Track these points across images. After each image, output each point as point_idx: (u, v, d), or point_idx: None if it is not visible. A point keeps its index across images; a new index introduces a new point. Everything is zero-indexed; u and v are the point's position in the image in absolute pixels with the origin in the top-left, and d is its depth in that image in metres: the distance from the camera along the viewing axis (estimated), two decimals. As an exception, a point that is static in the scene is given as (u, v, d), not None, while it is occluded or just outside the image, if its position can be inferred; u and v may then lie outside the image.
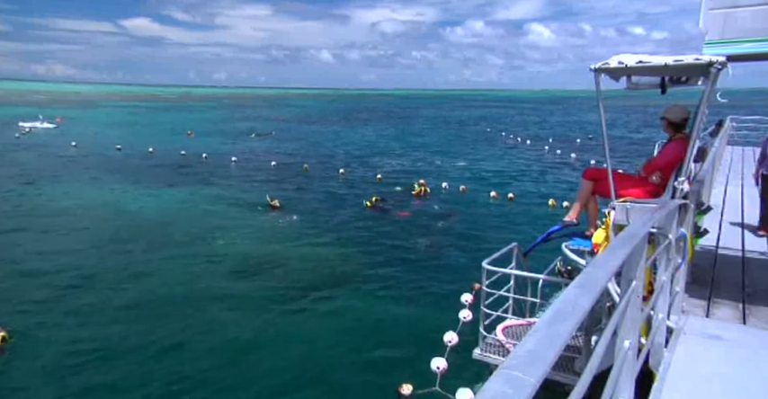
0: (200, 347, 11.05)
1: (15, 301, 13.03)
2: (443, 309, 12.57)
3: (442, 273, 15.95)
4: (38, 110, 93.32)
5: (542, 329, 1.49)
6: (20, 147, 45.28)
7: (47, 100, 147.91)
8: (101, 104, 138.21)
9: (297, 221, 22.09)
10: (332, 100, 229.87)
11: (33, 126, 62.67)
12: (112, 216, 22.52)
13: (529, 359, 1.31)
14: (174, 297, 13.68)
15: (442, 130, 74.62)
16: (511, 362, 1.28)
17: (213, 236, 19.34)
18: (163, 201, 25.63)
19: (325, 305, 13.39)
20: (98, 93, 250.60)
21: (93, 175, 32.23)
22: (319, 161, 40.44)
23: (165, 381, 9.63)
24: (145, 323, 12.05)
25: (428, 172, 35.72)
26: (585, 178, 6.64)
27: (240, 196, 26.98)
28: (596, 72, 5.15)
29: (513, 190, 28.33)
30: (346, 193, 28.31)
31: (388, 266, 16.62)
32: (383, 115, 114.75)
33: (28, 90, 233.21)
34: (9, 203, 24.33)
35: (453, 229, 21.25)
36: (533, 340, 1.42)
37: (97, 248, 17.70)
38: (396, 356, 10.61)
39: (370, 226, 21.68)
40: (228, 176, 33.28)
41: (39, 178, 30.86)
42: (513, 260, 8.03)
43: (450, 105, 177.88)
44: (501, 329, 7.36)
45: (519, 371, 1.23)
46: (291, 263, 16.48)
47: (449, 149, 50.10)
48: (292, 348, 11.05)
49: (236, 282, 14.92)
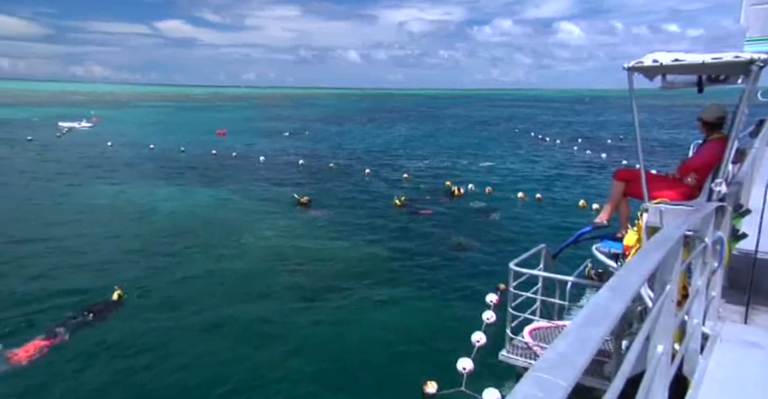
0: (234, 335, 11.45)
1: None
2: (470, 309, 12.49)
3: (468, 273, 15.86)
4: (76, 110, 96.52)
5: (574, 332, 1.46)
6: (60, 146, 46.85)
7: (84, 100, 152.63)
8: (134, 104, 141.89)
9: (325, 219, 22.27)
10: (358, 100, 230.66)
11: (72, 125, 64.75)
12: (147, 212, 23.18)
13: (560, 362, 1.28)
14: (209, 291, 14.15)
15: (468, 130, 74.10)
16: (541, 365, 1.26)
17: (243, 232, 19.68)
18: (194, 198, 26.18)
19: (352, 302, 13.52)
20: (132, 93, 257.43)
21: (127, 173, 33.13)
22: (346, 160, 40.64)
23: (207, 363, 10.08)
24: (181, 310, 12.70)
25: (455, 172, 35.52)
26: (617, 179, 6.49)
27: (269, 194, 27.36)
28: (630, 71, 5.03)
29: (542, 190, 27.93)
30: (372, 192, 28.38)
31: (414, 264, 16.62)
32: (409, 115, 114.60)
33: (67, 91, 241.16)
34: (53, 200, 25.31)
35: (480, 229, 21.08)
36: (564, 343, 1.39)
37: (137, 243, 18.34)
38: (421, 354, 10.61)
39: (398, 224, 21.69)
40: (257, 174, 33.76)
41: (78, 176, 31.91)
42: (541, 261, 7.90)
43: (477, 105, 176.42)
44: (528, 331, 7.25)
45: (550, 374, 1.21)
46: (319, 260, 16.66)
47: (475, 149, 49.70)
48: (320, 343, 11.19)
49: (265, 277, 15.15)
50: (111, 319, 12.19)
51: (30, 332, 11.30)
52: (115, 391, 9.45)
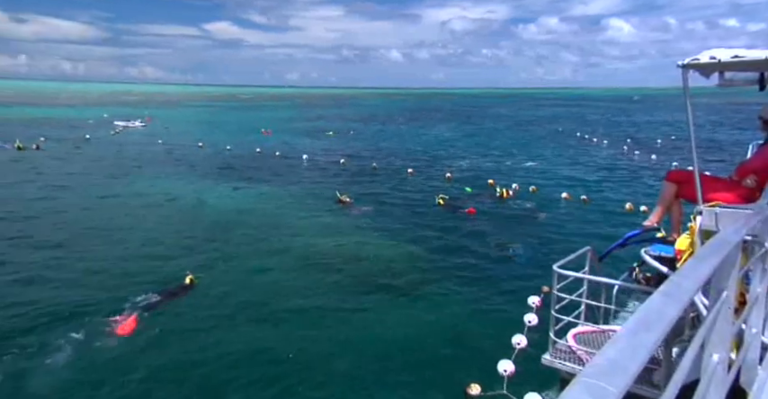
0: (279, 325, 11.86)
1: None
2: (511, 310, 12.32)
3: (510, 274, 15.65)
4: (130, 110, 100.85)
5: (624, 338, 1.43)
6: (115, 144, 49.06)
7: (137, 100, 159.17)
8: (184, 104, 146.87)
9: (367, 217, 22.44)
10: (401, 99, 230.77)
11: (126, 124, 67.74)
12: (196, 207, 24.09)
13: (610, 368, 1.26)
14: (257, 283, 14.71)
15: (512, 130, 72.93)
16: (590, 371, 1.24)
17: (286, 229, 20.10)
18: (239, 195, 26.93)
19: (393, 301, 13.58)
20: (182, 93, 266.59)
21: (177, 171, 34.38)
22: (388, 159, 40.77)
23: (255, 351, 10.51)
24: (233, 299, 13.45)
25: (498, 172, 35.04)
26: (669, 180, 6.26)
27: (311, 192, 27.79)
28: (684, 68, 4.84)
29: (587, 191, 27.19)
30: (415, 192, 28.36)
31: (455, 264, 16.54)
32: (452, 114, 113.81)
33: (122, 91, 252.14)
34: (111, 194, 26.66)
35: (523, 230, 20.73)
36: (615, 349, 1.37)
37: (190, 235, 19.30)
38: (461, 354, 10.55)
39: (439, 224, 21.62)
40: (300, 173, 34.34)
41: (132, 172, 33.38)
42: (586, 264, 7.70)
43: (521, 104, 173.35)
44: (572, 335, 7.09)
45: (600, 380, 1.19)
46: (360, 259, 16.81)
47: (519, 149, 48.87)
48: (361, 342, 11.29)
49: (307, 275, 15.41)
50: (184, 300, 13.39)
51: (116, 309, 12.46)
52: (185, 364, 10.46)
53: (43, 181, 29.72)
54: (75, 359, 10.48)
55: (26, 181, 29.85)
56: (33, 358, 10.46)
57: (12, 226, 20.35)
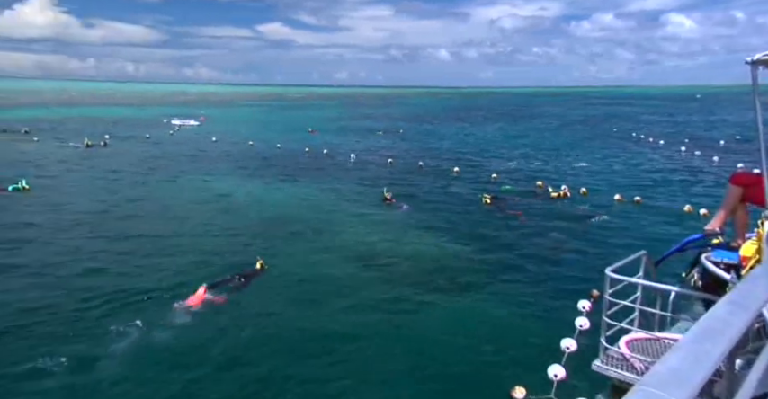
0: (329, 320, 12.08)
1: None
2: (560, 314, 12.04)
3: (559, 277, 15.28)
4: (186, 109, 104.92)
5: (687, 346, 1.38)
6: (172, 142, 51.25)
7: (193, 100, 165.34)
8: (236, 104, 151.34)
9: (412, 216, 22.46)
10: (448, 98, 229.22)
11: (182, 123, 70.57)
12: (249, 203, 24.82)
13: (672, 377, 1.22)
14: (309, 275, 15.27)
15: (563, 129, 71.06)
16: (651, 379, 1.21)
17: (335, 226, 20.43)
18: (288, 193, 27.54)
19: (438, 300, 13.54)
20: (235, 93, 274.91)
21: (230, 168, 35.54)
22: (434, 158, 40.61)
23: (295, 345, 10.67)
24: (290, 288, 14.31)
25: (547, 172, 34.25)
26: (734, 183, 5.94)
27: (358, 190, 28.08)
28: (753, 65, 4.58)
29: (642, 193, 26.16)
30: (461, 191, 28.15)
31: (502, 265, 16.33)
32: (500, 113, 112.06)
33: (179, 92, 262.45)
34: (168, 190, 28.05)
35: (573, 232, 20.18)
36: (676, 357, 1.32)
37: (245, 230, 20.19)
38: (508, 357, 10.41)
39: (486, 224, 21.39)
40: (347, 171, 34.73)
41: (188, 169, 34.81)
42: (640, 269, 7.41)
43: (572, 103, 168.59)
44: (625, 342, 6.84)
45: (661, 390, 1.15)
46: (406, 257, 16.86)
47: (569, 149, 47.57)
48: (405, 341, 11.33)
49: (352, 272, 15.62)
50: (257, 283, 14.57)
51: (195, 289, 13.53)
52: (256, 339, 11.46)
53: (111, 177, 31.47)
54: (166, 334, 11.59)
55: (96, 176, 31.74)
56: (128, 332, 11.56)
57: (87, 217, 21.81)
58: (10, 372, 9.99)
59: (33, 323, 11.98)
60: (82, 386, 9.68)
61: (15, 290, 13.91)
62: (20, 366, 10.16)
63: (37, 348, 10.80)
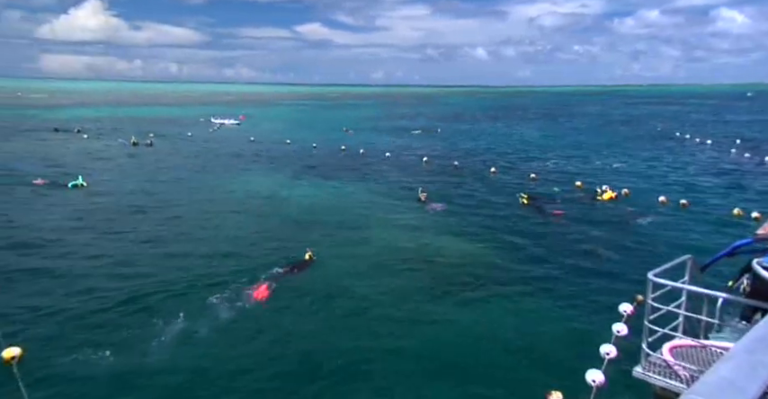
0: (354, 325, 12.02)
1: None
2: (599, 318, 11.72)
3: (599, 279, 14.90)
4: (226, 108, 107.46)
5: (740, 356, 1.33)
6: (213, 140, 52.56)
7: (233, 100, 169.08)
8: (275, 103, 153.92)
9: (446, 216, 22.34)
10: (485, 97, 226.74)
11: (222, 122, 72.29)
12: (283, 201, 25.21)
13: (724, 387, 1.18)
14: (348, 271, 15.61)
15: (603, 129, 69.21)
16: (701, 388, 1.17)
17: (367, 226, 20.51)
18: (324, 191, 27.83)
19: (473, 301, 13.44)
20: (274, 92, 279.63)
21: (267, 166, 36.22)
22: (470, 158, 40.25)
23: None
24: (332, 281, 14.84)
25: (586, 173, 33.45)
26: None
27: (393, 189, 28.12)
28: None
29: (688, 195, 25.23)
30: (497, 191, 27.81)
31: (540, 266, 16.06)
32: (538, 113, 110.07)
33: (220, 91, 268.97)
34: (210, 187, 28.88)
35: (614, 234, 19.65)
36: (728, 367, 1.27)
37: (283, 224, 20.90)
38: (545, 361, 10.22)
39: (523, 224, 21.08)
40: (383, 171, 34.80)
41: (228, 167, 35.67)
42: (685, 273, 7.14)
43: (613, 102, 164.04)
44: (668, 348, 6.60)
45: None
46: (440, 257, 16.79)
47: (611, 149, 46.29)
48: (439, 340, 11.29)
49: (386, 271, 15.67)
50: (306, 273, 15.38)
51: (254, 278, 14.59)
52: (306, 326, 12.15)
53: (157, 174, 32.65)
54: (225, 318, 12.46)
55: (144, 173, 32.96)
56: (190, 316, 12.37)
57: (141, 211, 22.90)
58: (87, 350, 10.70)
59: (99, 309, 12.75)
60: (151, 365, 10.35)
61: (79, 278, 14.73)
62: (88, 345, 10.91)
63: (97, 332, 11.42)
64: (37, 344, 10.75)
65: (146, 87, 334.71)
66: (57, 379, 9.67)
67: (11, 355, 9.91)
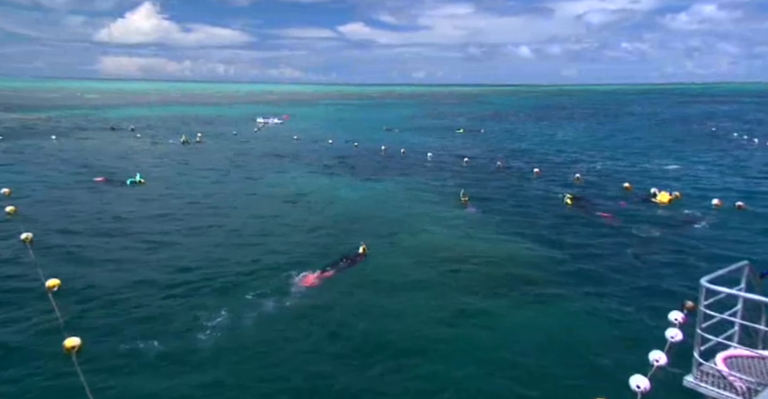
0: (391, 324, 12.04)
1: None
2: (648, 324, 11.41)
3: (648, 284, 14.43)
4: (270, 108, 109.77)
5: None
6: (258, 139, 53.83)
7: (277, 99, 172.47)
8: (317, 102, 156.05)
9: (487, 217, 22.10)
10: (528, 96, 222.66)
11: (266, 122, 73.93)
12: (327, 200, 25.59)
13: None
14: (391, 269, 15.81)
15: (654, 129, 66.74)
16: None
17: (407, 225, 20.53)
18: (365, 190, 28.06)
19: (516, 302, 13.28)
20: (316, 92, 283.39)
21: (311, 165, 36.78)
22: (513, 158, 39.68)
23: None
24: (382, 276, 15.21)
25: (635, 174, 32.39)
26: None
27: (434, 189, 28.04)
28: None
29: (744, 198, 24.07)
30: (541, 192, 27.31)
31: (585, 269, 15.69)
32: (585, 112, 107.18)
33: (264, 91, 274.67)
34: (257, 184, 29.70)
35: (664, 237, 19.00)
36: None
37: (326, 222, 21.32)
38: (590, 367, 10.00)
39: (568, 226, 20.64)
40: (424, 170, 34.76)
41: (273, 165, 36.51)
42: (742, 280, 6.86)
43: (665, 100, 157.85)
44: (722, 358, 6.37)
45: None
46: (483, 259, 16.62)
47: (661, 150, 44.63)
48: (483, 342, 11.21)
49: (429, 270, 15.66)
50: (358, 266, 15.91)
51: (304, 270, 15.13)
52: (354, 316, 12.49)
53: (208, 171, 33.69)
54: (285, 304, 13.16)
55: (195, 170, 34.14)
56: (254, 302, 13.10)
57: (197, 207, 23.91)
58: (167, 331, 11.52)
59: (154, 300, 13.40)
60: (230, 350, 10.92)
61: (135, 271, 15.43)
62: (181, 324, 11.84)
63: (151, 322, 11.97)
64: (94, 334, 11.32)
65: (194, 87, 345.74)
66: (112, 368, 10.12)
67: (72, 344, 10.51)
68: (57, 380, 9.65)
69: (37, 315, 12.22)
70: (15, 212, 20.94)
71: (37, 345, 10.92)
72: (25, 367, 10.09)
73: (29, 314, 12.32)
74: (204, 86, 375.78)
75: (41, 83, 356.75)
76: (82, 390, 8.93)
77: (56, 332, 11.14)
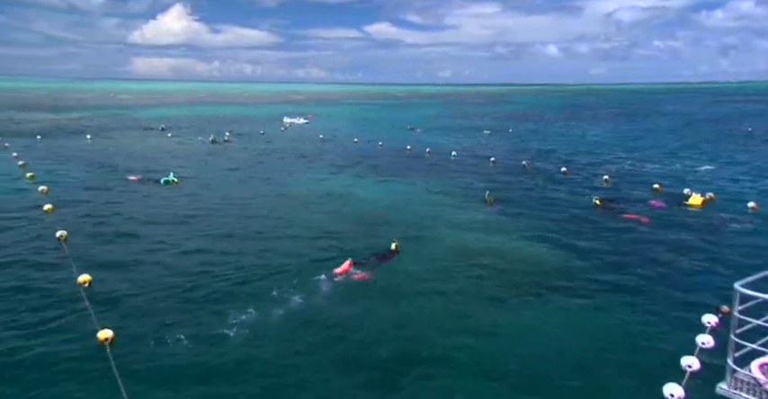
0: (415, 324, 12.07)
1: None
2: (679, 329, 11.13)
3: (680, 288, 14.09)
4: (296, 107, 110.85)
5: None
6: (284, 138, 54.46)
7: (303, 99, 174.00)
8: (344, 102, 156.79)
9: (513, 218, 21.86)
10: (556, 95, 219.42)
11: (292, 121, 74.71)
12: (352, 199, 25.76)
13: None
14: (415, 268, 15.84)
15: (686, 129, 65.02)
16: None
17: (431, 226, 20.45)
18: (389, 190, 28.07)
19: (542, 306, 13.10)
20: (342, 92, 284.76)
21: (336, 164, 37.01)
22: (539, 159, 39.19)
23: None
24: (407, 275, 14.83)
25: (665, 176, 31.63)
26: None
27: (458, 189, 27.91)
28: None
29: (783, 202, 23.28)
30: (568, 194, 26.90)
31: (614, 272, 15.41)
32: (613, 112, 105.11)
33: (290, 91, 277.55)
34: (284, 183, 30.00)
35: (696, 240, 18.51)
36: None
37: (350, 220, 21.57)
38: (620, 372, 9.81)
39: (596, 228, 20.27)
40: (449, 170, 34.60)
41: (300, 164, 36.92)
42: (779, 285, 6.66)
43: (698, 100, 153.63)
44: (758, 365, 6.18)
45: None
46: (509, 259, 16.49)
47: (694, 150, 43.47)
48: (508, 346, 11.10)
49: (454, 271, 15.59)
50: (390, 263, 16.21)
51: (332, 267, 15.36)
52: (378, 315, 12.71)
53: (238, 170, 34.33)
54: (320, 296, 13.72)
55: (225, 169, 34.78)
56: (280, 299, 13.38)
57: (228, 205, 24.46)
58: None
59: (185, 295, 13.76)
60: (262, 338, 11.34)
61: (168, 267, 15.85)
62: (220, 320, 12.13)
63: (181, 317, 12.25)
64: (124, 327, 11.64)
65: (222, 87, 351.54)
66: (141, 360, 10.42)
67: (105, 336, 10.85)
68: (90, 370, 9.98)
69: (69, 309, 12.63)
70: (52, 210, 21.64)
71: (70, 336, 11.29)
72: (59, 356, 10.46)
73: (62, 308, 12.73)
74: (232, 86, 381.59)
75: (78, 83, 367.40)
76: (114, 379, 9.22)
77: (89, 324, 11.48)
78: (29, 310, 12.57)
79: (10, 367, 10.08)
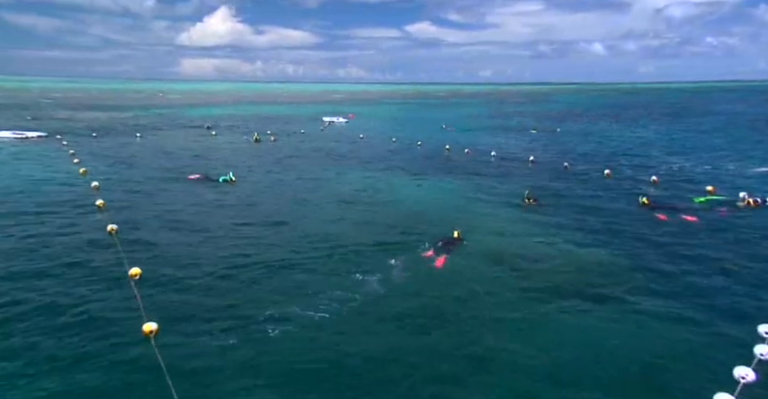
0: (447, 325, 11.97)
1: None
2: (734, 338, 10.58)
3: (733, 296, 13.42)
4: (336, 107, 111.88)
5: None
6: (324, 138, 54.94)
7: (343, 99, 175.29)
8: (383, 102, 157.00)
9: (553, 219, 21.32)
10: (600, 94, 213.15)
11: (332, 120, 75.39)
12: (389, 199, 25.68)
13: None
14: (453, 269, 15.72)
15: (740, 129, 61.85)
16: None
17: (471, 226, 20.11)
18: (427, 189, 27.95)
19: (585, 314, 12.65)
20: (382, 91, 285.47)
21: (375, 163, 37.08)
22: (582, 159, 38.13)
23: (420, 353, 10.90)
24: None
25: (719, 177, 30.20)
26: None
27: (497, 189, 27.46)
28: None
29: None
30: (612, 195, 26.03)
31: (662, 276, 14.80)
32: (662, 111, 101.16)
33: (331, 91, 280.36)
34: (327, 180, 30.43)
35: (752, 245, 17.55)
36: None
37: (390, 217, 21.83)
38: (666, 382, 9.41)
39: (642, 231, 19.50)
40: (488, 170, 34.11)
41: (340, 162, 37.25)
42: None
43: (756, 98, 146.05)
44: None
45: None
46: (546, 263, 16.08)
47: (751, 152, 41.30)
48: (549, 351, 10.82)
49: (488, 274, 15.35)
50: (457, 248, 17.15)
51: (413, 251, 16.88)
52: (423, 311, 12.91)
53: (288, 168, 34.87)
54: (396, 278, 14.71)
55: (273, 167, 35.40)
56: (319, 300, 13.38)
57: (280, 201, 24.97)
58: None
59: (246, 288, 14.19)
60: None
61: (224, 263, 16.12)
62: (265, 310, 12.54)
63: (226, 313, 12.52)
64: (171, 321, 11.98)
65: (265, 87, 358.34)
66: (186, 354, 10.68)
67: (150, 329, 11.20)
68: (137, 361, 10.35)
69: (120, 301, 13.12)
70: (104, 206, 22.56)
71: (120, 328, 11.73)
72: (109, 347, 10.88)
73: (113, 300, 13.25)
74: (274, 86, 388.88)
75: (130, 84, 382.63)
76: (160, 370, 9.51)
77: (137, 316, 11.90)
78: (79, 302, 13.10)
79: (59, 356, 10.53)
